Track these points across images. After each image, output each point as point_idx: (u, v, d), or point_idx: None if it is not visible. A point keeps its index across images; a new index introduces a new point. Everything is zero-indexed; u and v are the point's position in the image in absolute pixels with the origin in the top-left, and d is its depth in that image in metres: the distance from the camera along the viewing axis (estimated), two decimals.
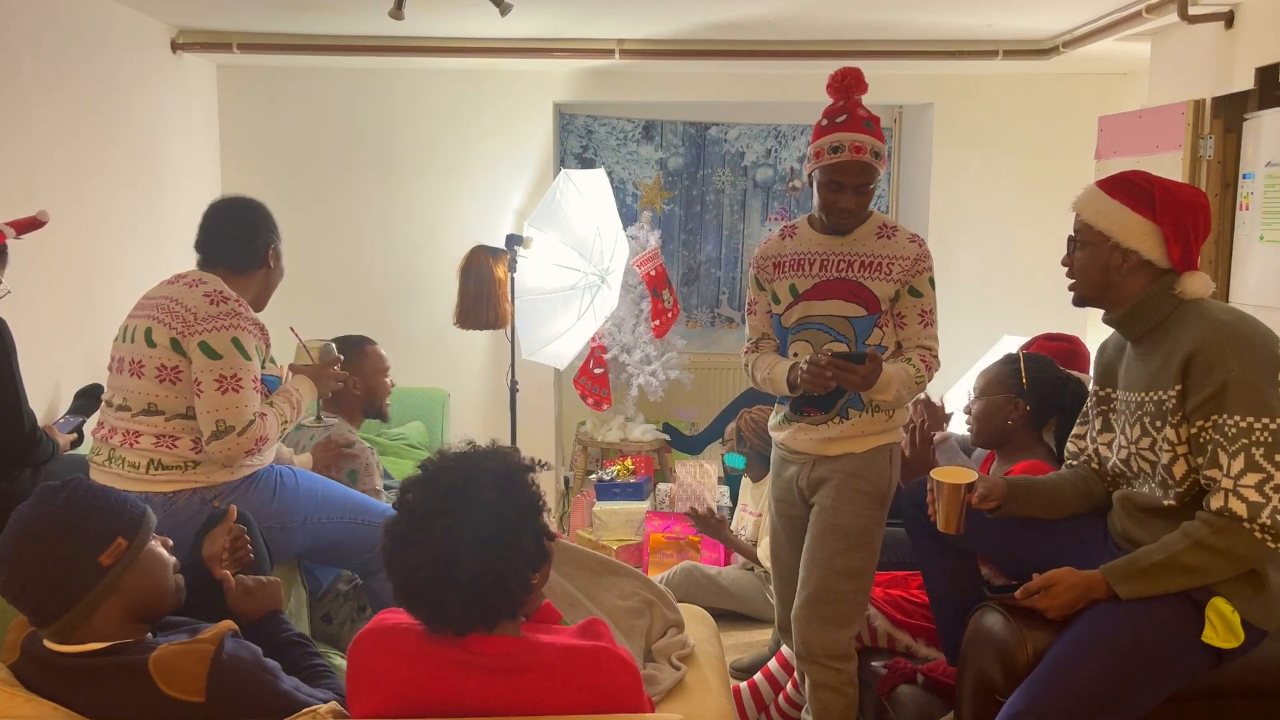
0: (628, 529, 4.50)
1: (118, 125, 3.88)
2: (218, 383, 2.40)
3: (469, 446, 1.64)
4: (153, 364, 2.45)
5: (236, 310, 2.48)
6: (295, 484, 2.59)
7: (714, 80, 5.00)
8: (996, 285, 5.10)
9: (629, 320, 4.95)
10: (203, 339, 2.42)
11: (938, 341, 2.53)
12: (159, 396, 2.45)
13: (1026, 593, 2.07)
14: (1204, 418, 1.94)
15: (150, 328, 2.47)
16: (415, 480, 1.59)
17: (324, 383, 2.80)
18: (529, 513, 1.59)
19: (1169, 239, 2.02)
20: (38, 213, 2.81)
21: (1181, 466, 2.00)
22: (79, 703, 1.63)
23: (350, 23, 4.19)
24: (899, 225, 2.54)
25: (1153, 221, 2.03)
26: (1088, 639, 1.98)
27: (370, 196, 5.02)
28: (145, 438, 2.44)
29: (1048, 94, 4.95)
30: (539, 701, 1.54)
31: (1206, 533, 1.93)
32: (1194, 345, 1.95)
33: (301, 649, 1.93)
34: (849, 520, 2.47)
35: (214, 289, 2.50)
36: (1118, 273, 2.07)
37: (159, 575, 1.76)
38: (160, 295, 2.55)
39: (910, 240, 2.49)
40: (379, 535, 2.67)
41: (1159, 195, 2.03)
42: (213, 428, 2.38)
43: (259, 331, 2.52)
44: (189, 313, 2.45)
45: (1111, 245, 2.07)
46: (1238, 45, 3.35)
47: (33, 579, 1.64)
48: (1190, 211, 2.03)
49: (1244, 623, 1.97)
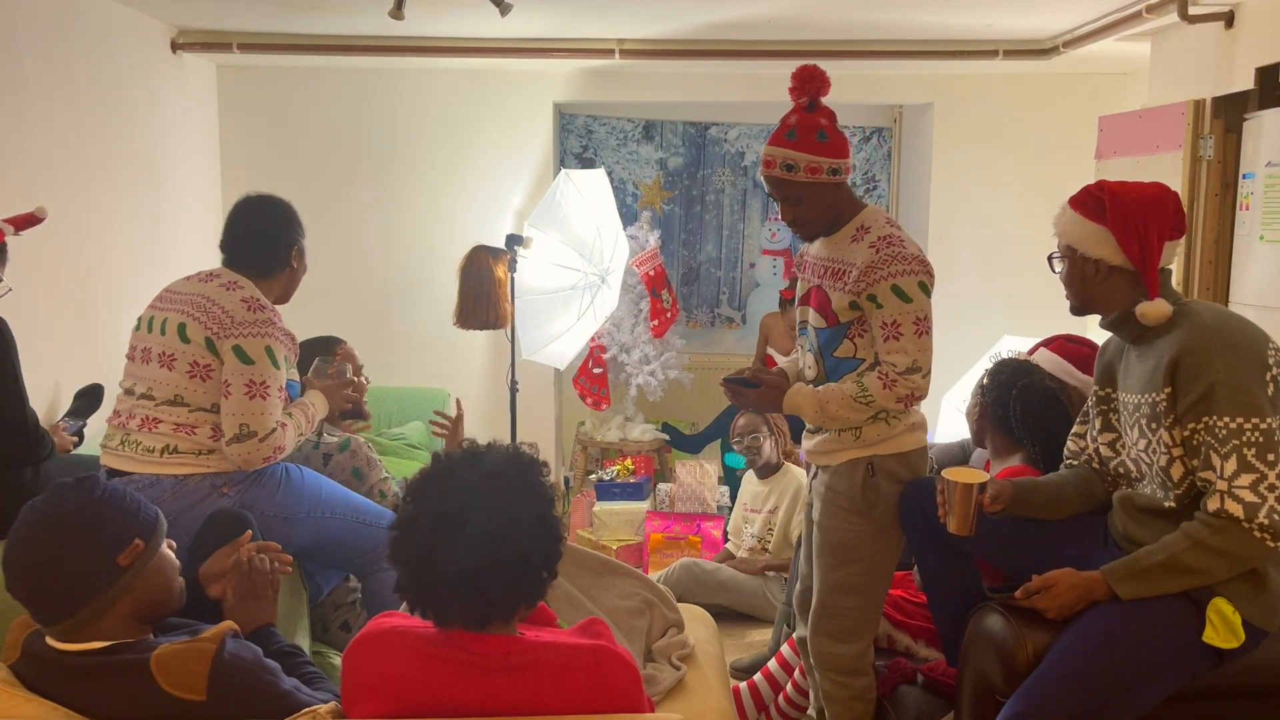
0: (628, 529, 4.50)
1: (118, 125, 3.88)
2: (247, 388, 2.44)
3: (486, 445, 1.65)
4: (185, 359, 2.49)
5: (271, 319, 2.53)
6: (301, 479, 2.62)
7: (714, 80, 5.01)
8: (996, 285, 5.10)
9: (628, 320, 4.95)
10: (238, 343, 2.46)
11: (909, 356, 2.28)
12: (187, 390, 2.49)
13: (1026, 593, 2.08)
14: (1195, 420, 1.96)
15: (184, 323, 2.50)
16: (428, 473, 1.60)
17: (336, 399, 2.83)
18: (542, 510, 1.60)
19: (1120, 242, 2.05)
20: (35, 209, 2.82)
21: (1179, 468, 2.02)
22: (80, 702, 1.63)
23: (350, 23, 4.19)
24: (875, 226, 2.36)
25: (1103, 227, 2.07)
26: (1089, 639, 1.99)
27: (370, 196, 5.02)
28: (165, 424, 2.48)
29: (1048, 94, 4.96)
30: (539, 701, 1.54)
31: (1206, 533, 1.93)
32: (1180, 348, 1.97)
33: (293, 659, 1.92)
34: (833, 535, 2.44)
35: (251, 295, 2.55)
36: (1094, 282, 2.12)
37: (168, 577, 1.77)
38: (193, 292, 2.57)
39: (870, 245, 2.31)
40: (380, 536, 2.69)
41: (1107, 200, 2.07)
42: (235, 430, 2.43)
43: (289, 341, 2.58)
44: (226, 315, 2.49)
45: (1080, 257, 2.12)
46: (1238, 45, 3.35)
47: (48, 576, 1.64)
48: (1138, 210, 2.05)
49: (1245, 623, 1.97)
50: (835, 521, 2.42)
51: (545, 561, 1.59)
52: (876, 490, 2.38)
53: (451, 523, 1.52)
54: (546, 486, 1.62)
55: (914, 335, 2.28)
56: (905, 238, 2.34)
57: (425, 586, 1.54)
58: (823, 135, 2.31)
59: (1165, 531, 2.02)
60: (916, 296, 2.27)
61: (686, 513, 4.44)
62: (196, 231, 4.49)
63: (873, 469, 2.38)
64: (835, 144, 2.32)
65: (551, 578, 1.62)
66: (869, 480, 2.38)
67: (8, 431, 2.64)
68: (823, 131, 2.31)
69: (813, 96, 2.34)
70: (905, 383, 2.28)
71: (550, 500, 1.62)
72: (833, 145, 2.32)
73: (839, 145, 2.33)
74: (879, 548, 2.43)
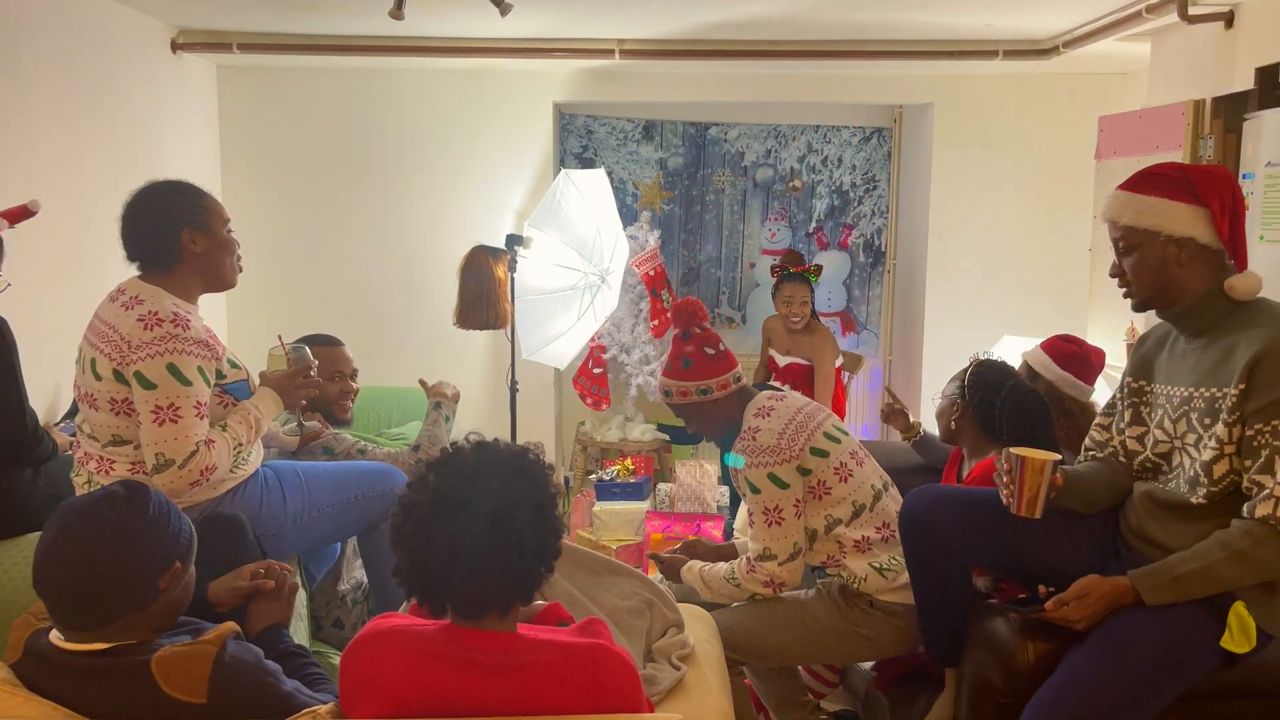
0: (628, 529, 4.50)
1: (118, 125, 3.88)
2: (154, 414, 2.27)
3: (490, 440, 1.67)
4: (104, 396, 2.35)
5: (172, 333, 2.30)
6: (280, 485, 2.54)
7: (714, 80, 5.01)
8: (996, 285, 5.10)
9: (628, 320, 4.95)
10: (137, 368, 2.28)
11: (759, 543, 2.45)
12: (119, 428, 2.36)
13: (1059, 604, 2.02)
14: (1263, 421, 1.89)
15: (95, 358, 2.35)
16: (435, 461, 1.61)
17: (291, 393, 2.58)
18: (542, 500, 1.60)
19: (1216, 216, 2.00)
20: (29, 202, 2.76)
21: (1223, 466, 1.96)
22: (81, 702, 1.63)
23: (350, 23, 4.19)
24: (745, 418, 2.53)
25: (1197, 205, 2.01)
26: (1113, 643, 1.97)
27: (370, 196, 5.02)
28: (119, 465, 2.38)
29: (1048, 94, 4.96)
30: (538, 699, 1.54)
31: (1247, 544, 1.90)
32: (1265, 346, 1.91)
33: (298, 660, 1.93)
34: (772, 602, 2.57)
35: (148, 310, 2.33)
36: (1177, 264, 2.04)
37: (190, 592, 1.78)
38: (102, 319, 2.41)
39: (740, 438, 2.50)
40: (376, 504, 2.69)
41: (1195, 178, 2.03)
42: (153, 461, 2.28)
43: (201, 350, 2.35)
44: (124, 340, 2.31)
45: (1164, 240, 2.03)
46: (1238, 45, 3.35)
47: (87, 593, 1.63)
48: (1228, 185, 2.03)
49: (1256, 628, 1.96)
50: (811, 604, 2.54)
51: (541, 554, 1.59)
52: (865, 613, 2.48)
53: (452, 501, 1.53)
54: (549, 481, 1.63)
55: (764, 524, 2.45)
56: (764, 427, 2.47)
57: (423, 569, 1.55)
58: (686, 362, 2.59)
59: (1184, 532, 1.99)
60: (765, 487, 2.43)
61: (686, 513, 4.44)
62: None
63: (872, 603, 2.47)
64: (699, 367, 2.58)
65: (548, 573, 1.62)
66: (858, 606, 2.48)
67: (8, 431, 2.63)
68: (687, 359, 2.59)
69: (684, 327, 2.63)
70: (761, 569, 2.46)
71: (552, 495, 1.62)
72: (696, 369, 2.58)
73: (702, 367, 2.57)
74: (815, 628, 2.50)
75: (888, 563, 2.43)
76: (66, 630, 1.67)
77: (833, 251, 5.65)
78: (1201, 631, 1.96)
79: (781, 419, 2.48)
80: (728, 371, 2.59)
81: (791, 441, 2.44)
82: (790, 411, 2.51)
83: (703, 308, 2.67)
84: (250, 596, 2.02)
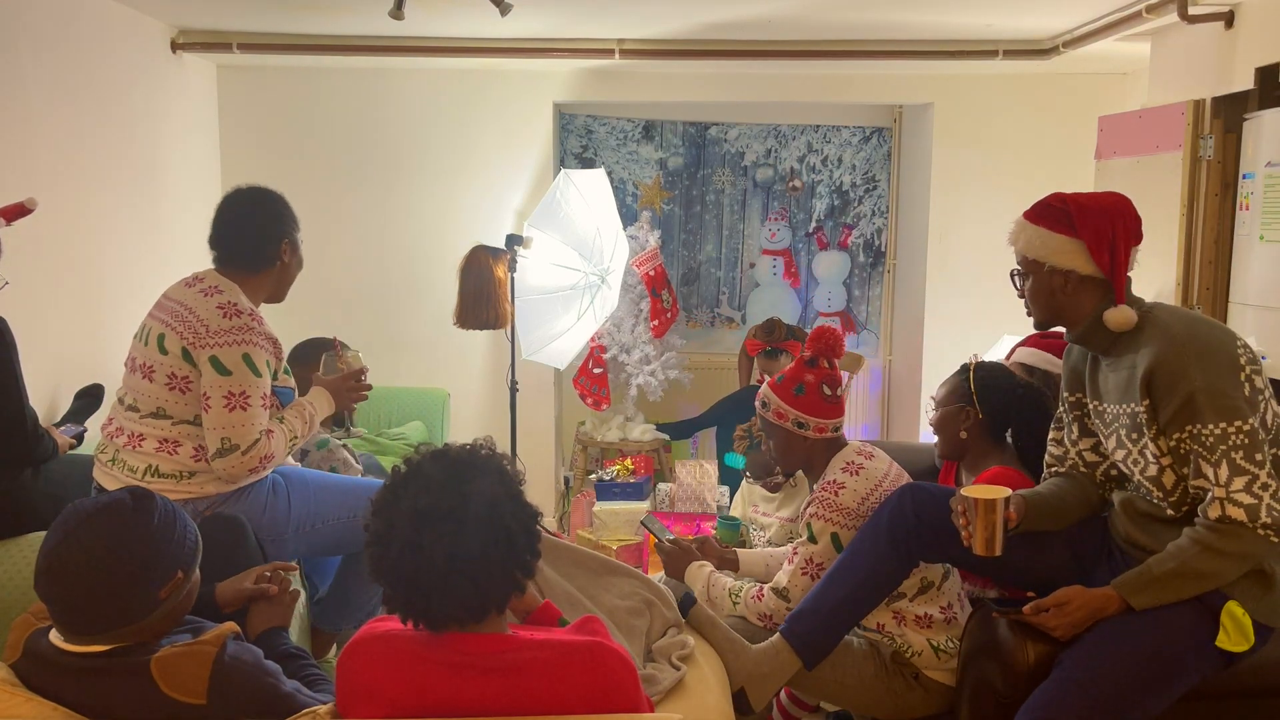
0: (628, 529, 4.49)
1: (118, 125, 3.88)
2: (226, 399, 2.37)
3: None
4: (164, 370, 2.43)
5: (249, 325, 2.43)
6: (287, 492, 2.56)
7: (714, 80, 5.00)
8: (996, 285, 5.05)
9: (628, 320, 4.95)
10: (213, 353, 2.38)
11: (798, 590, 2.43)
12: (168, 402, 2.44)
13: (1036, 609, 2.05)
14: (1178, 429, 1.95)
15: (163, 334, 2.44)
16: (391, 484, 1.57)
17: (344, 396, 2.72)
18: (515, 489, 1.60)
19: (1092, 250, 2.05)
20: (25, 199, 2.75)
21: (1170, 476, 2.01)
22: (80, 703, 1.63)
23: (350, 23, 4.19)
24: (830, 470, 2.53)
25: (1074, 238, 2.07)
26: (1107, 645, 1.98)
27: (370, 196, 5.02)
28: (149, 440, 2.43)
29: (1048, 94, 4.95)
30: (536, 699, 1.53)
31: (1214, 538, 1.93)
32: (1154, 360, 1.97)
33: (298, 661, 1.93)
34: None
35: (228, 300, 2.46)
36: (1063, 293, 2.11)
37: (192, 598, 1.78)
38: (176, 300, 2.51)
39: (820, 485, 2.51)
40: None
41: (1074, 211, 2.08)
42: (218, 445, 2.37)
43: (271, 346, 2.49)
44: (201, 324, 2.41)
45: (1049, 270, 2.11)
46: (1238, 45, 3.35)
47: (88, 601, 1.63)
48: (1106, 218, 2.06)
49: (1253, 623, 1.97)
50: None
51: (528, 540, 1.59)
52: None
53: (433, 515, 1.51)
54: (513, 469, 1.62)
55: (799, 571, 2.42)
56: (850, 486, 2.45)
57: (415, 587, 1.52)
58: (800, 389, 2.55)
59: (1171, 536, 2.01)
60: (823, 543, 2.41)
61: (686, 513, 4.44)
62: (197, 231, 4.41)
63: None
64: (811, 402, 2.53)
65: (535, 558, 1.61)
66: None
67: (7, 432, 2.63)
68: (802, 386, 2.55)
69: (815, 354, 2.57)
70: (768, 603, 2.43)
71: (518, 482, 1.62)
72: (807, 402, 2.53)
73: (813, 403, 2.53)
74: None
75: (944, 644, 2.38)
76: (66, 633, 1.67)
77: (832, 251, 5.65)
78: (1194, 632, 1.97)
79: (868, 483, 2.45)
80: (832, 418, 2.56)
81: (870, 511, 2.39)
82: (878, 477, 2.47)
83: (841, 343, 2.60)
84: (253, 598, 2.03)
